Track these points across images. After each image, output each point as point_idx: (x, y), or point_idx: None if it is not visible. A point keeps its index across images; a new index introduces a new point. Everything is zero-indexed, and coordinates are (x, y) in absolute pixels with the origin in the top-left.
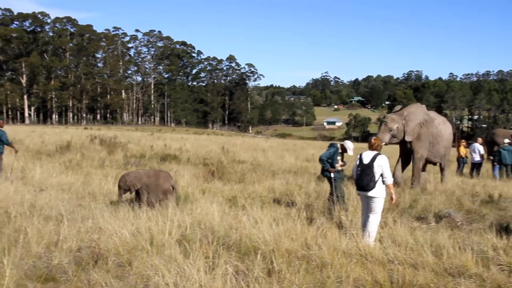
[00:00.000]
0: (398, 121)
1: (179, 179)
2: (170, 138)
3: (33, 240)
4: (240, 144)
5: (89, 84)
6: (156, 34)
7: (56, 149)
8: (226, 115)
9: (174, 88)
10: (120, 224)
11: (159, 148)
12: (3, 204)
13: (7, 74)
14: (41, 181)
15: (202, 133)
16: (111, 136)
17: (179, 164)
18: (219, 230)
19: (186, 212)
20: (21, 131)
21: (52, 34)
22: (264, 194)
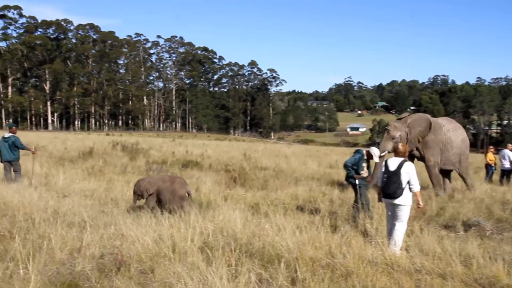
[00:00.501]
0: (401, 129)
1: (201, 186)
2: (192, 144)
3: (57, 246)
4: (262, 150)
5: (111, 90)
6: (178, 40)
7: (79, 155)
8: (248, 121)
9: (196, 94)
10: (142, 230)
11: (181, 155)
12: (28, 210)
13: (31, 81)
14: (64, 187)
15: (224, 139)
16: (133, 142)
17: (201, 171)
18: (242, 237)
19: (208, 219)
20: (44, 138)
21: (75, 40)
22: (287, 201)
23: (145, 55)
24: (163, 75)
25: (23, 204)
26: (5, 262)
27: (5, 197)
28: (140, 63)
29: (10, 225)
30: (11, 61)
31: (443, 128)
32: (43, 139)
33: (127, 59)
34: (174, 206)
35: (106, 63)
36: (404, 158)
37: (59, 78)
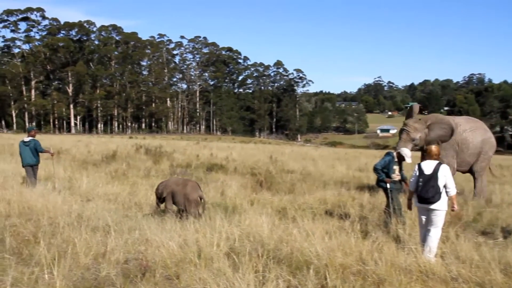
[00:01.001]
0: (421, 130)
1: (226, 190)
2: (216, 147)
3: (81, 251)
4: (288, 153)
5: (134, 92)
6: (202, 40)
7: (102, 159)
8: (274, 123)
9: (220, 96)
10: (167, 235)
11: (205, 158)
12: (52, 214)
13: (54, 83)
14: (87, 191)
15: (249, 141)
16: (156, 145)
17: (226, 174)
18: (269, 243)
19: (234, 224)
20: (68, 141)
21: (98, 42)
22: (315, 205)
23: (168, 56)
24: (186, 77)
25: (47, 208)
26: (30, 266)
27: (29, 201)
28: (163, 65)
29: (35, 229)
30: (34, 64)
31: (459, 128)
32: (66, 142)
33: (150, 60)
34: (191, 210)
35: (129, 65)
36: (439, 161)
37: (82, 80)
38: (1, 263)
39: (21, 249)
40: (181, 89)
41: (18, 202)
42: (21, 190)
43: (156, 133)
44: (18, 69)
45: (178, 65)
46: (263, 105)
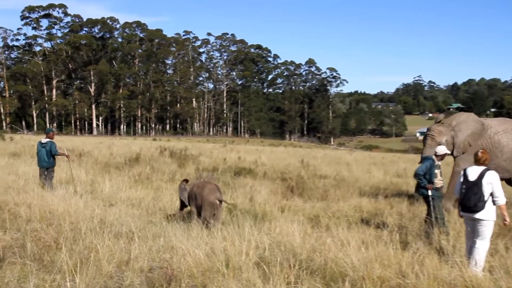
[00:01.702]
0: (447, 133)
1: (255, 195)
2: (244, 150)
3: (104, 258)
4: (321, 157)
5: (158, 92)
6: (229, 37)
7: (125, 162)
8: (305, 125)
9: (248, 96)
10: (193, 243)
11: (233, 161)
12: (74, 219)
13: (75, 83)
14: (110, 195)
15: (279, 144)
16: (181, 148)
17: (255, 179)
18: (301, 252)
19: (264, 232)
20: (89, 143)
21: (121, 40)
22: (350, 213)
23: (194, 54)
24: (213, 76)
25: (69, 213)
26: (52, 274)
27: (50, 205)
28: (189, 63)
29: (56, 235)
30: (55, 62)
31: (489, 130)
32: (88, 144)
33: (175, 58)
34: (206, 214)
35: (153, 63)
36: (486, 167)
37: (105, 79)
38: (23, 269)
39: (42, 255)
40: (208, 89)
41: (39, 206)
42: (42, 193)
43: (181, 135)
44: (39, 67)
45: (204, 64)
46: (293, 106)
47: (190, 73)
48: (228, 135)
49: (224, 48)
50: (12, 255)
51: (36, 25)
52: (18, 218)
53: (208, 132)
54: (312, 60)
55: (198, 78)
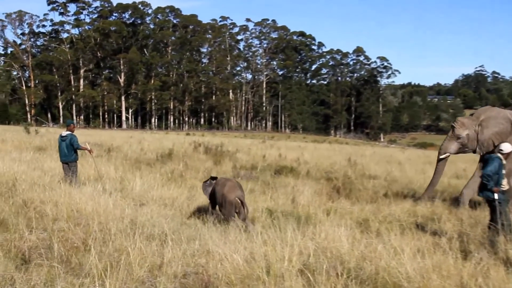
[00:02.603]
0: (470, 127)
1: (298, 196)
2: (285, 147)
3: (135, 262)
4: (370, 155)
5: (192, 83)
6: (270, 23)
7: (157, 158)
8: (352, 119)
9: (290, 87)
10: (231, 247)
11: (273, 159)
12: (103, 219)
13: (104, 72)
14: (141, 194)
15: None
16: (217, 144)
17: (297, 178)
18: (349, 260)
19: (308, 236)
20: (118, 137)
21: (153, 26)
22: (404, 217)
23: (231, 41)
24: (252, 65)
25: (98, 212)
26: (81, 277)
27: (78, 203)
28: (226, 51)
29: (85, 236)
30: (83, 50)
31: None
32: (117, 138)
33: (211, 46)
34: (225, 213)
35: (187, 52)
36: None
37: (135, 69)
38: (50, 272)
39: (70, 257)
40: (246, 80)
41: (66, 204)
42: (69, 190)
43: (216, 130)
44: (66, 56)
45: (242, 52)
46: (339, 98)
47: (226, 63)
48: (267, 130)
49: (264, 35)
50: (39, 256)
51: (63, 10)
52: (44, 217)
53: (246, 127)
54: (361, 49)
55: (235, 68)
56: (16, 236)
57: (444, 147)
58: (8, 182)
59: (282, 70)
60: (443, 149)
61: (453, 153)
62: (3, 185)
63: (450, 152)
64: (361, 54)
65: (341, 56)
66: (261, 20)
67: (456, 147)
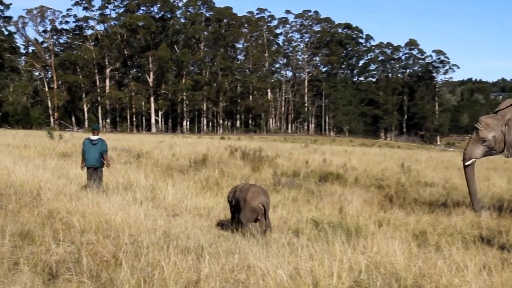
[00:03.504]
0: (495, 128)
1: (346, 206)
2: (330, 151)
3: (170, 278)
4: (425, 160)
5: (227, 82)
6: (312, 15)
7: (190, 164)
8: (404, 120)
9: (335, 86)
10: (273, 262)
11: (317, 164)
12: (134, 230)
13: (131, 71)
14: (174, 204)
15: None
16: (255, 148)
17: (344, 186)
18: (406, 277)
19: (359, 250)
20: (148, 142)
21: (184, 20)
22: (466, 230)
23: (270, 36)
24: (292, 62)
25: (128, 223)
26: None
27: (106, 214)
28: (264, 47)
29: (115, 249)
30: (109, 48)
31: None
32: (146, 143)
33: (247, 42)
34: (244, 218)
35: (222, 48)
36: None
37: (165, 67)
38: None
39: (100, 271)
40: (285, 78)
41: (95, 215)
42: (97, 200)
43: (253, 133)
44: (91, 54)
45: (281, 48)
46: (390, 97)
47: (264, 59)
48: (310, 133)
49: (306, 28)
50: (67, 271)
51: (87, 5)
52: (71, 229)
53: (286, 130)
54: (414, 41)
55: (274, 65)
56: (42, 249)
57: (469, 152)
58: (32, 191)
59: (326, 66)
60: (467, 154)
61: (479, 158)
62: (27, 195)
63: (476, 157)
64: (414, 47)
65: (392, 50)
66: (302, 12)
67: (482, 151)
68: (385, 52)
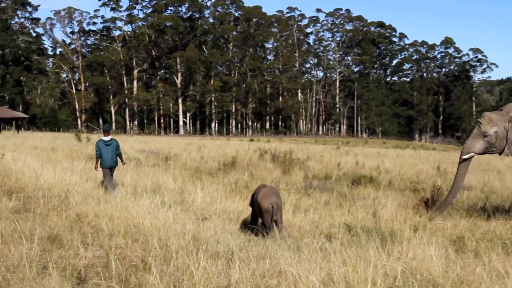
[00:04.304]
0: (499, 123)
1: (380, 210)
2: (363, 153)
3: (200, 283)
4: None
5: (256, 82)
6: (343, 14)
7: (219, 167)
8: (440, 121)
9: (367, 86)
10: (305, 267)
11: (349, 167)
12: (162, 234)
13: (159, 72)
14: (203, 207)
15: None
16: (285, 151)
17: (378, 189)
18: (444, 283)
19: (394, 256)
20: (176, 144)
21: (213, 20)
22: (507, 235)
23: (300, 35)
24: (323, 62)
25: (157, 227)
26: None
27: (135, 218)
28: (294, 47)
29: (143, 253)
30: (136, 49)
31: None
32: (174, 145)
33: (277, 41)
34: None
35: (251, 48)
36: None
37: (193, 68)
38: None
39: (129, 276)
40: (316, 78)
41: (123, 219)
42: (126, 203)
43: (283, 135)
44: (118, 55)
45: (312, 47)
46: (425, 97)
47: (294, 59)
48: (341, 135)
49: (337, 27)
50: (95, 275)
51: (115, 6)
52: (99, 232)
53: (317, 131)
54: (450, 39)
55: (304, 65)
56: (71, 253)
57: (468, 145)
58: (60, 194)
59: (358, 66)
60: (466, 148)
61: (478, 153)
62: (55, 198)
63: (475, 152)
64: (450, 45)
65: (427, 48)
66: (333, 10)
67: (482, 146)
68: (420, 51)
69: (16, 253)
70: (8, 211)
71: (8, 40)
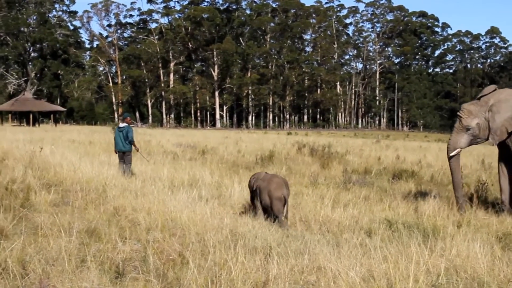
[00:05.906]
0: (479, 115)
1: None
2: (404, 147)
3: (238, 278)
4: None
5: (294, 75)
6: (384, 3)
7: (256, 161)
8: None
9: (408, 78)
10: (345, 263)
11: (389, 161)
12: (200, 229)
13: (196, 65)
14: (240, 202)
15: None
16: (323, 144)
17: (420, 184)
18: (490, 281)
19: (437, 252)
20: (213, 137)
21: (250, 12)
22: None
23: (339, 26)
24: (363, 53)
25: (194, 222)
26: None
27: (172, 212)
28: (333, 38)
29: (181, 247)
30: (173, 41)
31: None
32: (211, 139)
33: (315, 33)
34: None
35: (288, 40)
36: None
37: (230, 61)
38: (146, 287)
39: (166, 270)
40: (356, 70)
41: (160, 213)
42: (163, 197)
43: (321, 128)
44: (155, 48)
45: (351, 38)
46: (469, 89)
47: (333, 51)
48: (381, 128)
49: (377, 17)
50: (133, 269)
51: None
52: (137, 226)
53: (356, 124)
54: (496, 29)
55: (343, 56)
56: (109, 246)
57: (453, 142)
58: (98, 188)
59: (399, 57)
60: (452, 145)
61: (464, 147)
62: (93, 191)
63: (461, 147)
64: (496, 35)
65: (471, 39)
66: (373, 0)
67: (467, 139)
68: (464, 41)
69: (55, 246)
70: (47, 204)
71: (46, 33)
